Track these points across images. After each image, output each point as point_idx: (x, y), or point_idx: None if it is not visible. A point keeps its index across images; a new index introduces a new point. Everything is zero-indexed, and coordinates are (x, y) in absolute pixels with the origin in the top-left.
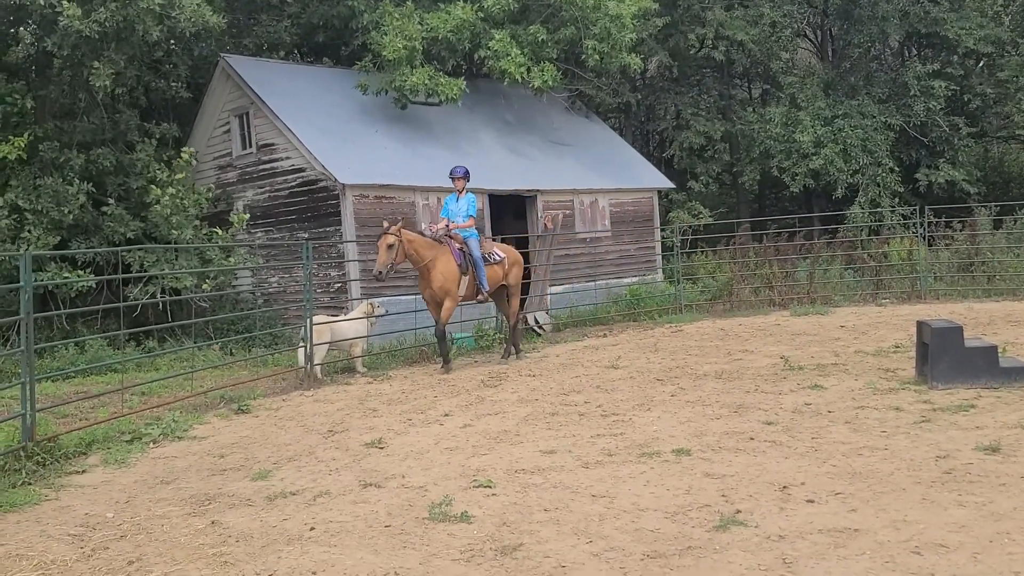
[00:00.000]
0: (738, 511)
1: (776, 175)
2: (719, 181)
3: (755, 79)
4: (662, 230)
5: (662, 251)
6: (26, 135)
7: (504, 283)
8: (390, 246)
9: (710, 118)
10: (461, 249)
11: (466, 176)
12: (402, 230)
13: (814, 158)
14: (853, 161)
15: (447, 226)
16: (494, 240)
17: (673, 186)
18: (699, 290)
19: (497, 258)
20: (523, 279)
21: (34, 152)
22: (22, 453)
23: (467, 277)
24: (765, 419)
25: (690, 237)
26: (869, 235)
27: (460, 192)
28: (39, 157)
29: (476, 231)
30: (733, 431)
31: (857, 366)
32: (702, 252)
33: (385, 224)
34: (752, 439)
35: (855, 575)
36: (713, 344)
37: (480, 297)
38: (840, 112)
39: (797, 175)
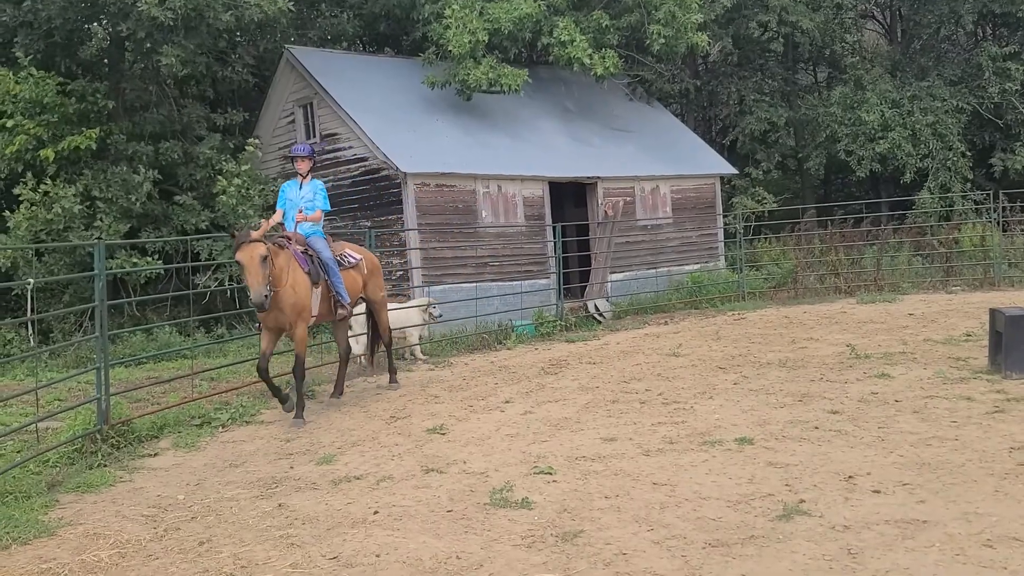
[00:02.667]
0: (802, 501)
1: (842, 159)
2: (783, 166)
3: (820, 63)
4: (725, 216)
5: (724, 238)
6: (99, 128)
7: (363, 296)
8: (264, 259)
9: (773, 103)
10: (306, 252)
11: (311, 156)
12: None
13: (881, 142)
14: (922, 145)
15: (295, 220)
16: (342, 239)
17: (736, 172)
18: (762, 277)
19: (352, 260)
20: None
21: (106, 144)
22: (98, 436)
23: (319, 288)
24: (830, 408)
25: (753, 223)
26: (939, 221)
27: (303, 177)
28: (111, 148)
29: (321, 230)
30: (797, 420)
31: (926, 355)
32: (765, 239)
33: (237, 233)
34: (817, 428)
35: (924, 567)
36: (777, 332)
37: (342, 312)
38: (908, 94)
39: (863, 159)
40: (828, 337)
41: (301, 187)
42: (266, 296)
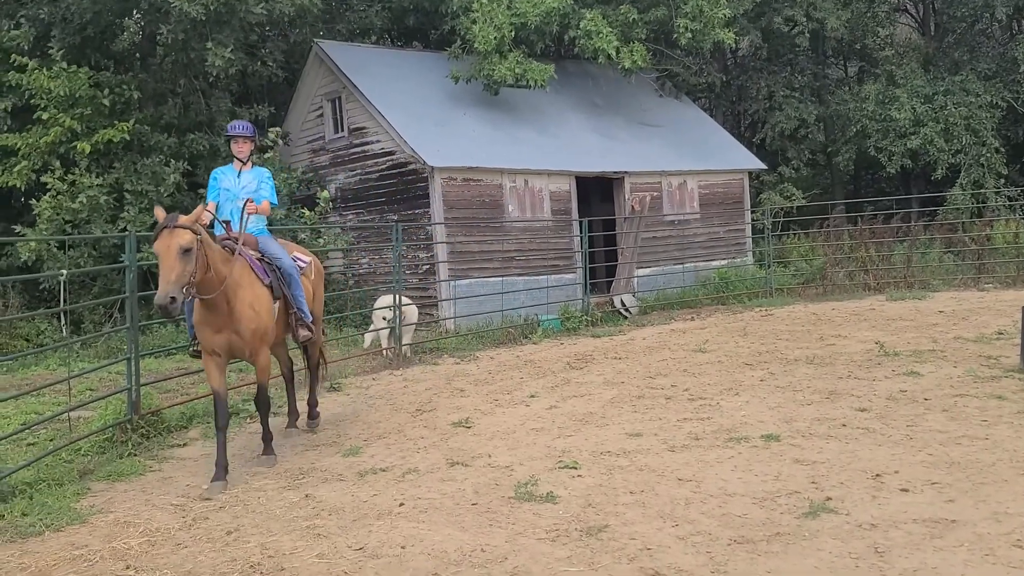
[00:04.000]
0: (828, 498)
1: (872, 155)
2: (812, 162)
3: (851, 57)
4: (753, 212)
5: (752, 234)
6: (131, 121)
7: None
8: (186, 251)
9: (803, 99)
10: (262, 260)
11: (253, 137)
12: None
13: (912, 137)
14: (955, 141)
15: (243, 210)
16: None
17: (764, 167)
18: (791, 274)
19: (303, 265)
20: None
21: (135, 135)
22: (128, 426)
23: (279, 303)
24: (858, 406)
25: (782, 219)
26: (971, 217)
27: (244, 163)
28: (139, 140)
29: (266, 228)
30: (824, 417)
31: (956, 353)
32: (794, 235)
33: (161, 213)
34: (844, 426)
35: (952, 567)
36: (805, 329)
37: (305, 333)
38: (941, 89)
39: (894, 155)
40: (857, 334)
41: (240, 175)
42: (172, 299)
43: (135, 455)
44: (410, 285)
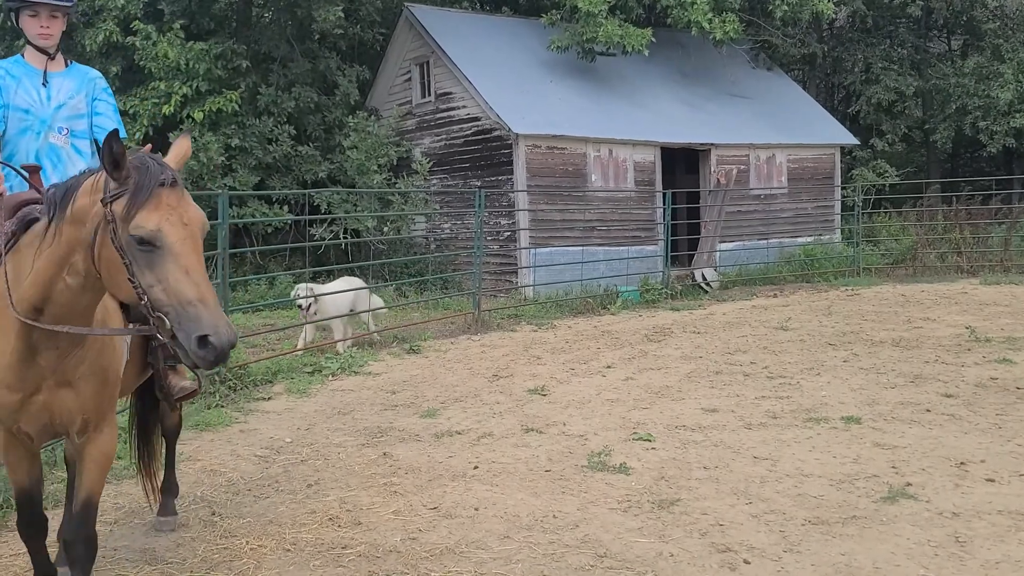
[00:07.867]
0: (908, 484)
1: (972, 134)
2: (908, 138)
3: (956, 30)
4: (843, 188)
5: (842, 211)
6: (238, 92)
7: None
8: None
9: (902, 72)
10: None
11: (71, 8)
12: None
13: (1017, 116)
14: None
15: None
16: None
17: (857, 142)
18: (880, 253)
19: None
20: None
21: (255, 97)
22: (216, 378)
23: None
24: (944, 391)
25: (873, 197)
26: None
27: (51, 57)
28: (258, 101)
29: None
30: (908, 401)
31: None
32: (885, 213)
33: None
34: (929, 411)
35: None
36: (892, 310)
37: (182, 384)
38: None
39: (996, 134)
40: (946, 318)
41: (48, 80)
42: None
43: (222, 407)
44: (490, 252)
